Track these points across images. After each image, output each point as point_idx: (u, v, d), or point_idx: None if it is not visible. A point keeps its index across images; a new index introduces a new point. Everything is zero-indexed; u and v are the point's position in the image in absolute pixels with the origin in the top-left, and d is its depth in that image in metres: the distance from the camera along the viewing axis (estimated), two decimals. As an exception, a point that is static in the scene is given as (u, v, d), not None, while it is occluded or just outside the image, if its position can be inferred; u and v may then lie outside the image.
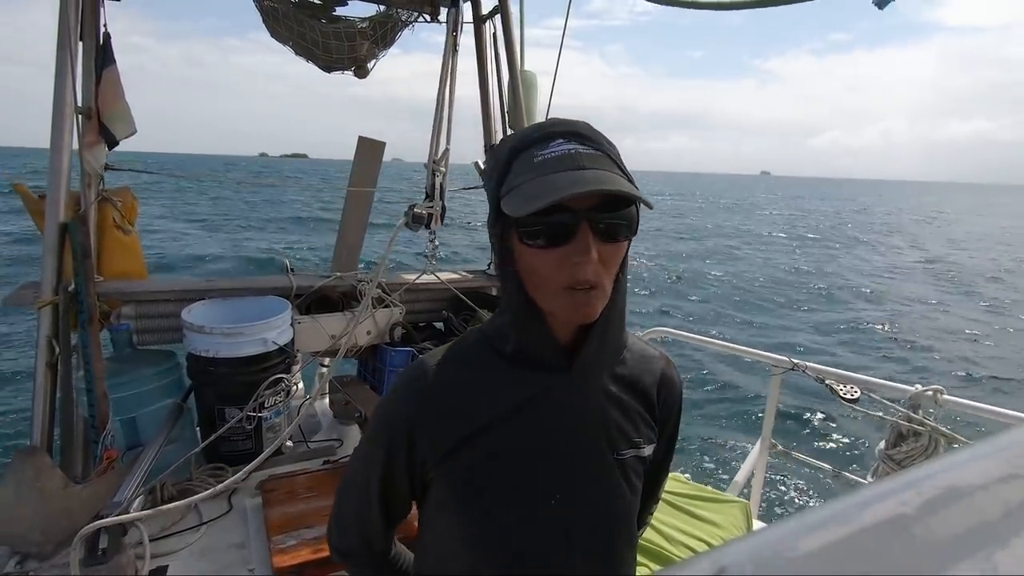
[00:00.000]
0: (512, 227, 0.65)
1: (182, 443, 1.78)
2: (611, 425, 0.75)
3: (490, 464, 0.71)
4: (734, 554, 0.19)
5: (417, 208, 1.78)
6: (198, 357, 1.79)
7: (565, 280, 0.63)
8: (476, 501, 0.71)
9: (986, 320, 11.65)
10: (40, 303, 1.63)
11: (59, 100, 1.68)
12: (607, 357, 0.75)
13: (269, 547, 1.42)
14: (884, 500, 0.21)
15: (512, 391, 0.72)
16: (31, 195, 1.83)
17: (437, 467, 0.71)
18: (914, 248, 24.25)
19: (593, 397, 0.74)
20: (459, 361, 0.75)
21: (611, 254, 0.64)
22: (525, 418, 0.71)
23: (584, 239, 0.61)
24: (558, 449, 0.72)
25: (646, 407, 0.79)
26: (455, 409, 0.71)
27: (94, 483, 1.46)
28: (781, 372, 2.12)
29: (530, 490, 0.71)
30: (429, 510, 0.77)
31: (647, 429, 0.79)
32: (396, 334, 2.29)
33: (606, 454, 0.74)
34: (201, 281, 2.10)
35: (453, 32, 1.89)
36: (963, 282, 16.22)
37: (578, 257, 0.62)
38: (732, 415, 6.50)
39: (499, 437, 0.71)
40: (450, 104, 1.86)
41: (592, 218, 0.61)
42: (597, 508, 0.74)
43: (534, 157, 0.63)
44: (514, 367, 0.72)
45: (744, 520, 1.84)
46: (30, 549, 1.35)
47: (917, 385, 1.82)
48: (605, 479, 0.74)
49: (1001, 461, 0.24)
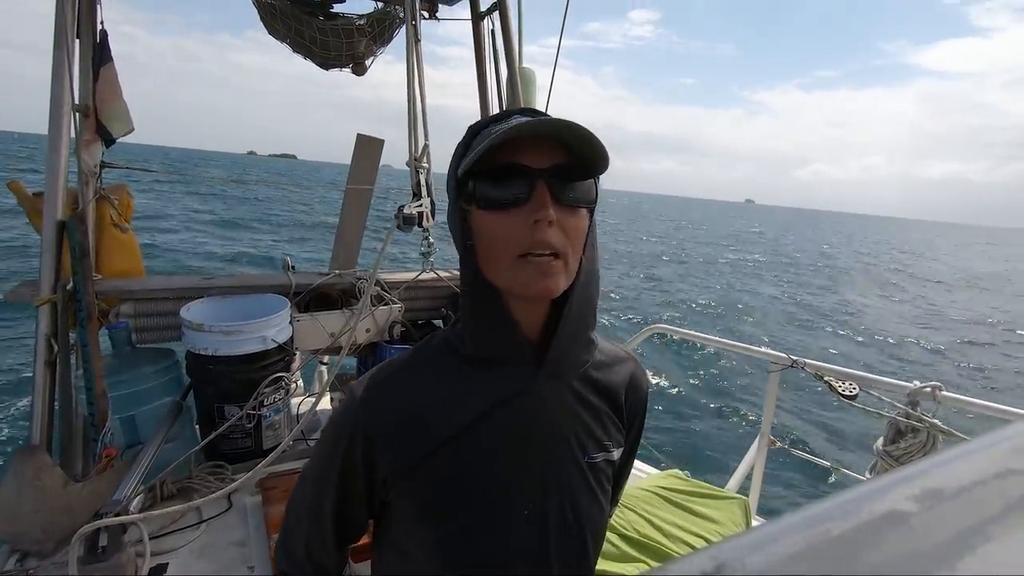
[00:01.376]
0: (472, 197, 0.64)
1: (181, 441, 1.78)
2: (581, 428, 0.72)
3: (457, 476, 0.67)
4: (733, 550, 0.19)
5: (406, 209, 1.78)
6: (197, 355, 1.78)
7: (524, 244, 0.61)
8: (445, 515, 0.67)
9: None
10: (38, 301, 1.63)
11: (56, 98, 1.68)
12: (578, 355, 0.72)
13: (269, 545, 1.42)
14: (883, 496, 0.21)
15: (478, 396, 0.67)
16: (26, 193, 1.83)
17: (400, 484, 0.67)
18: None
19: (563, 398, 0.71)
20: (418, 369, 0.71)
21: (571, 221, 0.62)
22: (494, 424, 0.67)
23: (542, 197, 0.60)
24: (529, 455, 0.68)
25: (614, 409, 0.76)
26: (416, 421, 0.67)
27: (94, 481, 1.46)
28: (780, 369, 2.12)
29: (503, 499, 0.68)
30: (391, 528, 0.72)
31: (616, 432, 0.76)
32: (395, 332, 2.29)
33: (577, 458, 0.71)
34: (200, 279, 2.09)
35: (412, 22, 1.87)
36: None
37: (537, 214, 0.60)
38: (731, 412, 6.52)
39: (466, 446, 0.66)
40: (422, 99, 1.84)
41: (549, 180, 0.61)
42: (570, 514, 0.71)
43: (491, 132, 0.63)
44: (482, 371, 0.68)
45: (743, 516, 1.84)
46: (30, 547, 1.36)
47: (916, 382, 1.83)
48: (577, 484, 0.71)
49: (999, 457, 0.24)
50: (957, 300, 21.66)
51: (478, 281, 0.66)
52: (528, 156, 0.61)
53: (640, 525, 1.65)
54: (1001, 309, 19.58)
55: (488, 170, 0.62)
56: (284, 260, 2.29)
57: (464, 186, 0.64)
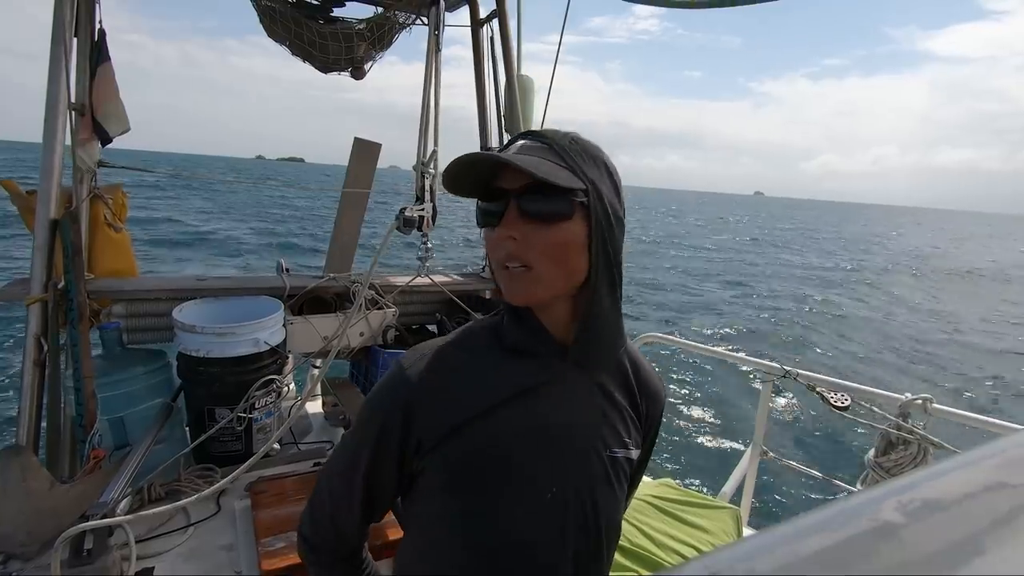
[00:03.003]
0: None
1: (171, 443, 1.76)
2: (606, 423, 0.76)
3: (484, 451, 0.70)
4: (724, 560, 0.19)
5: (408, 212, 1.78)
6: (189, 356, 1.77)
7: (496, 256, 0.70)
8: (472, 488, 0.70)
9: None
10: (29, 300, 1.62)
11: (53, 96, 1.67)
12: (603, 352, 0.76)
13: (258, 549, 1.40)
14: (873, 507, 0.21)
15: (510, 380, 0.72)
16: (20, 191, 1.82)
17: (432, 452, 0.70)
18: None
19: (591, 392, 0.76)
20: (460, 347, 0.76)
21: (539, 235, 0.67)
22: (523, 408, 0.72)
23: (510, 215, 0.68)
24: (555, 442, 0.72)
25: (636, 413, 0.81)
26: (453, 393, 0.71)
27: (81, 483, 1.44)
28: (773, 379, 2.13)
29: (529, 481, 0.71)
30: (420, 497, 0.75)
31: (636, 433, 0.80)
32: (389, 336, 2.28)
33: (600, 451, 0.75)
34: (192, 280, 2.08)
35: (435, 31, 1.89)
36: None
37: (500, 231, 0.68)
38: (723, 421, 6.53)
39: (494, 425, 0.71)
40: (436, 105, 1.85)
41: (519, 199, 0.67)
42: (588, 505, 0.74)
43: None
44: (515, 358, 0.74)
45: (734, 526, 1.84)
46: (15, 549, 1.34)
47: (907, 394, 1.84)
48: (598, 476, 0.75)
49: (989, 470, 0.24)
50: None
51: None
52: (506, 179, 0.69)
53: (631, 534, 1.65)
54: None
55: (484, 193, 0.71)
56: (279, 263, 2.28)
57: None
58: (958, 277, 24.62)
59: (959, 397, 8.20)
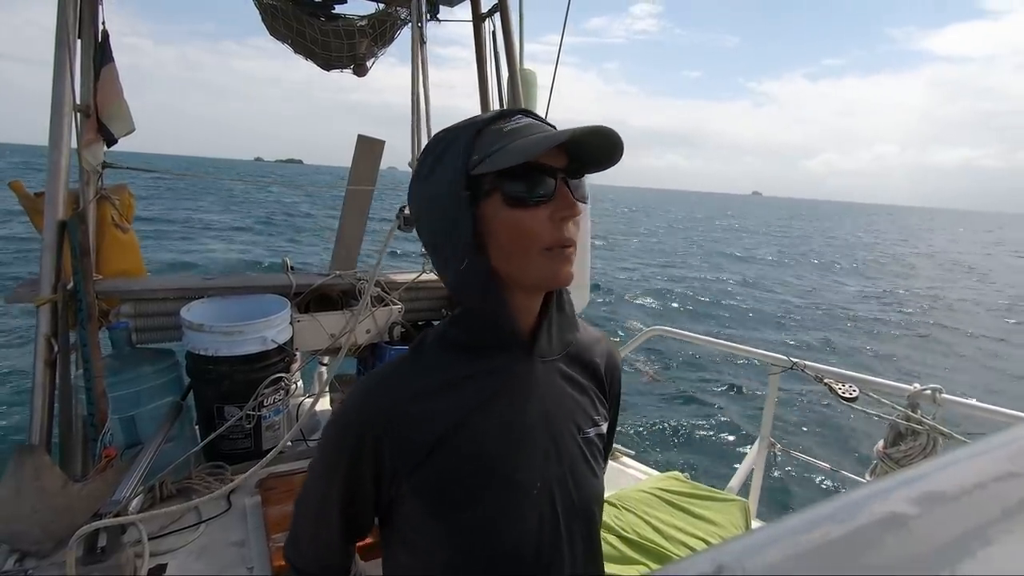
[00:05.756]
0: (489, 194, 0.65)
1: (181, 441, 1.78)
2: (574, 405, 0.76)
3: (467, 463, 0.68)
4: (733, 552, 0.19)
5: (407, 210, 1.78)
6: (197, 355, 1.78)
7: (549, 238, 0.65)
8: (460, 502, 0.68)
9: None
10: (39, 302, 1.63)
11: (58, 98, 1.68)
12: (565, 337, 0.76)
13: (269, 546, 1.41)
14: (883, 498, 0.21)
15: (478, 385, 0.70)
16: (27, 193, 1.83)
17: (410, 476, 0.68)
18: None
19: (555, 379, 0.75)
20: (417, 364, 0.72)
21: (582, 216, 0.67)
22: (495, 411, 0.69)
23: (566, 195, 0.65)
24: (531, 437, 0.71)
25: (597, 385, 0.81)
26: (421, 413, 0.68)
27: (93, 481, 1.46)
28: (780, 371, 2.12)
29: (512, 483, 0.69)
30: (402, 524, 0.72)
31: (601, 407, 0.80)
32: (395, 333, 2.29)
33: (574, 434, 0.75)
34: (200, 279, 2.09)
35: (418, 24, 1.87)
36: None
37: (566, 211, 0.64)
38: (731, 414, 6.51)
39: (472, 434, 0.68)
40: (426, 101, 1.84)
41: (565, 179, 0.66)
42: (573, 491, 0.73)
43: (502, 129, 0.66)
44: (479, 359, 0.70)
45: (743, 519, 1.84)
46: (29, 547, 1.35)
47: (916, 384, 1.82)
48: (577, 461, 0.74)
49: (999, 460, 0.24)
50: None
51: (488, 272, 0.67)
52: (546, 157, 0.65)
53: (640, 527, 1.65)
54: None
55: (511, 169, 0.63)
56: (284, 261, 2.29)
57: (477, 183, 0.65)
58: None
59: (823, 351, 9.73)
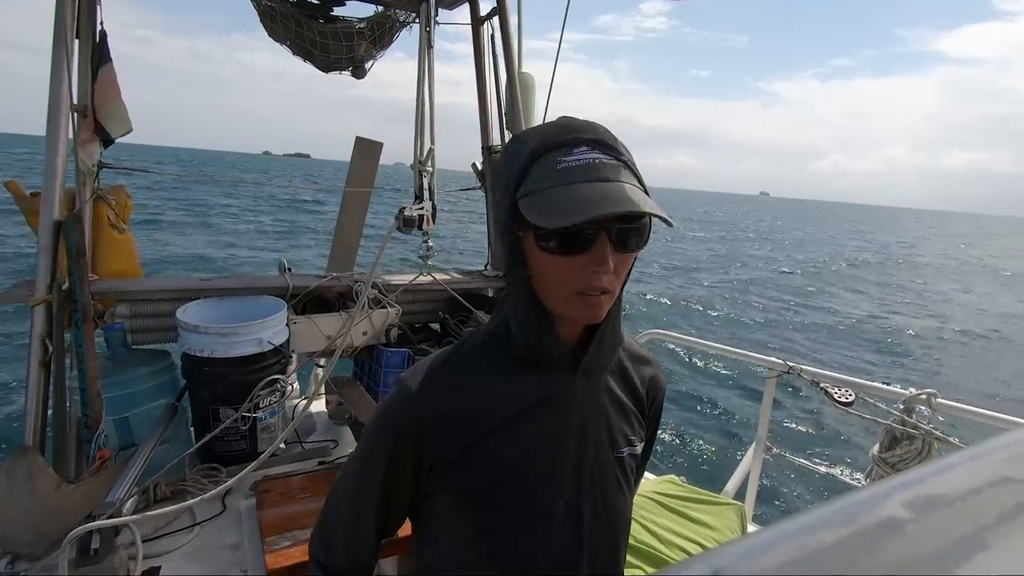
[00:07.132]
0: (528, 229, 0.65)
1: (176, 443, 1.77)
2: (612, 424, 0.76)
3: (501, 467, 0.70)
4: (729, 556, 0.19)
5: (407, 211, 1.78)
6: (193, 357, 1.78)
7: (579, 286, 0.64)
8: (489, 504, 0.70)
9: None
10: (34, 301, 1.62)
11: (55, 97, 1.67)
12: (608, 356, 0.76)
13: (263, 548, 1.41)
14: (878, 503, 0.21)
15: (520, 392, 0.72)
16: (23, 192, 1.82)
17: (446, 473, 0.70)
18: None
19: (596, 397, 0.76)
20: (464, 363, 0.74)
21: (624, 262, 0.66)
22: (533, 420, 0.71)
23: (602, 250, 0.62)
24: (565, 450, 0.72)
25: (637, 405, 0.81)
26: (463, 412, 0.70)
27: (87, 483, 1.45)
28: (776, 375, 2.12)
29: (542, 491, 0.71)
30: (433, 519, 0.74)
31: (639, 427, 0.81)
32: (392, 335, 2.29)
33: (608, 452, 0.75)
34: (196, 280, 2.09)
35: (427, 28, 1.88)
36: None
37: (595, 267, 0.63)
38: (727, 418, 6.52)
39: (509, 439, 0.70)
40: (431, 103, 1.85)
41: (610, 229, 0.62)
42: (601, 509, 0.74)
43: (557, 163, 0.63)
44: (523, 369, 0.72)
45: (739, 522, 1.84)
46: (21, 549, 1.34)
47: (912, 389, 1.83)
48: (608, 478, 0.75)
49: (994, 464, 0.24)
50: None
51: (532, 300, 0.69)
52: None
53: (636, 531, 1.65)
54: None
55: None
56: (281, 262, 2.28)
57: (518, 213, 0.64)
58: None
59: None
